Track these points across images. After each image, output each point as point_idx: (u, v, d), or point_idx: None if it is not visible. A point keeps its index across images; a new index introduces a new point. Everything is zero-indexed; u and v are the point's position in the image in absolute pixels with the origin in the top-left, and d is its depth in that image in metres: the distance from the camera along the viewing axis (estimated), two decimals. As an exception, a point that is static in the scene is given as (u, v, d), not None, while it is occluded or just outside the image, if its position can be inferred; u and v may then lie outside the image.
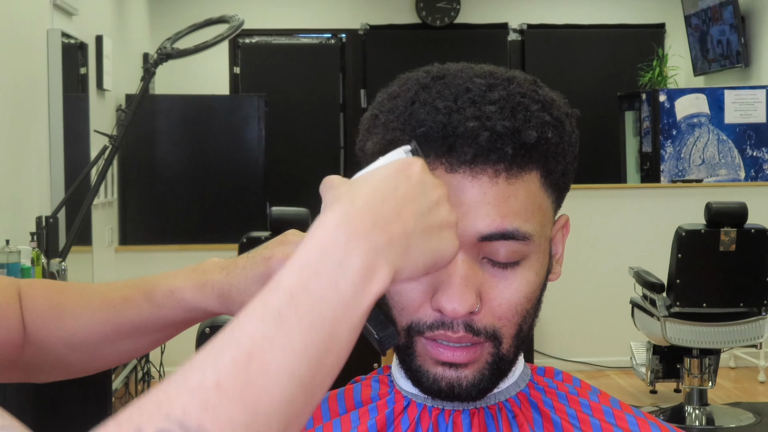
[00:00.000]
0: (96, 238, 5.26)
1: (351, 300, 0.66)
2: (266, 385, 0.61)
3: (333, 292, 0.65)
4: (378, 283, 0.67)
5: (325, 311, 0.65)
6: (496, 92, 0.87)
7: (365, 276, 0.67)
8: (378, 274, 0.67)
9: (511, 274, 0.89)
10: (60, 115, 4.53)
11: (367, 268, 0.67)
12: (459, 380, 0.89)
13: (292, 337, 0.63)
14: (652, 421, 0.97)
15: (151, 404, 0.60)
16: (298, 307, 0.64)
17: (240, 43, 8.07)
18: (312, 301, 0.65)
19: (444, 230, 0.73)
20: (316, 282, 0.65)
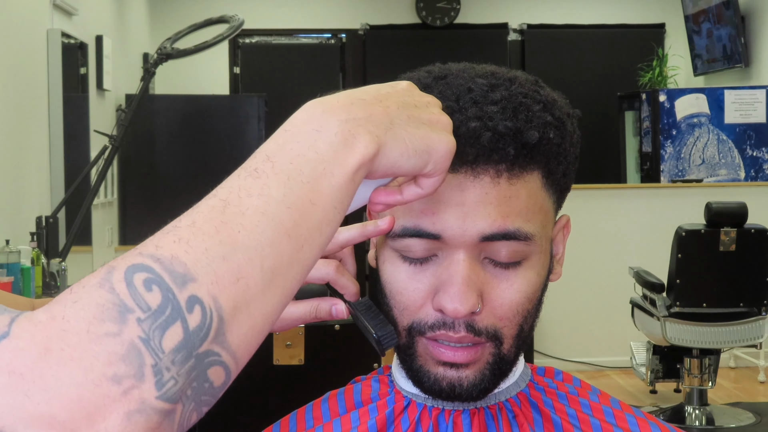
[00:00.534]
0: (96, 238, 5.26)
1: (331, 158, 0.65)
2: (243, 223, 0.60)
3: (311, 151, 0.65)
4: (360, 148, 0.66)
5: (303, 167, 0.64)
6: (498, 92, 0.88)
7: (344, 140, 0.66)
8: (359, 140, 0.66)
9: (513, 274, 0.89)
10: (60, 115, 4.53)
11: (346, 134, 0.66)
12: (460, 380, 0.89)
13: (269, 186, 0.63)
14: (652, 421, 0.97)
15: (127, 254, 0.59)
16: (274, 164, 0.64)
17: (240, 43, 8.07)
18: (289, 158, 0.64)
19: (435, 125, 0.72)
20: (293, 144, 0.65)
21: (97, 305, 0.55)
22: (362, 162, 0.66)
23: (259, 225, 0.61)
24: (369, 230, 0.89)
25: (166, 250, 0.58)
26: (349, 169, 0.66)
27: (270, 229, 0.61)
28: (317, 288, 1.02)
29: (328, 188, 0.65)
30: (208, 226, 0.59)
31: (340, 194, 0.65)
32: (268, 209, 0.61)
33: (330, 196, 0.65)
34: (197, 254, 0.58)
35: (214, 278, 0.58)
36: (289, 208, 0.62)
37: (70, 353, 0.53)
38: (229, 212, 0.60)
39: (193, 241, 0.58)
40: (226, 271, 0.58)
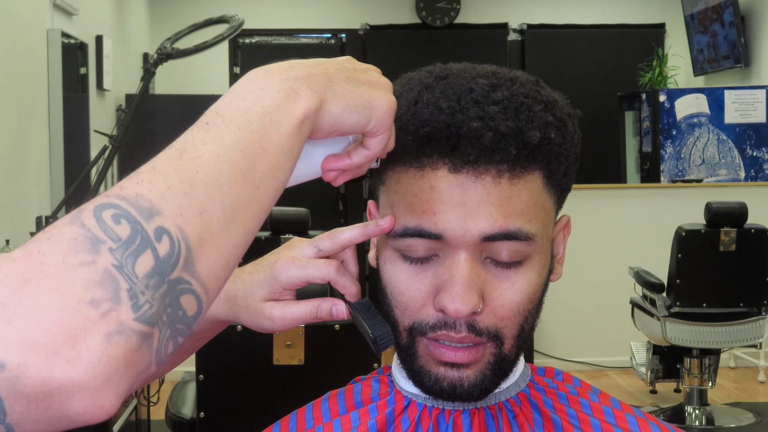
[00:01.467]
0: (96, 238, 5.26)
1: (276, 111, 0.69)
2: (199, 165, 0.64)
3: (257, 106, 0.69)
4: (303, 101, 0.71)
5: (252, 118, 0.68)
6: (499, 92, 0.88)
7: (287, 95, 0.70)
8: (301, 94, 0.71)
9: (514, 274, 0.89)
10: (60, 115, 4.53)
11: (288, 90, 0.71)
12: (461, 380, 0.89)
13: (222, 135, 0.66)
14: (652, 421, 0.97)
15: (94, 198, 0.64)
16: (224, 117, 0.68)
17: (240, 43, 8.07)
18: (238, 112, 0.68)
19: (375, 85, 0.77)
20: (240, 102, 0.69)
21: (70, 239, 0.58)
22: (306, 114, 0.71)
23: (216, 165, 0.64)
24: (370, 230, 0.91)
25: (130, 190, 0.62)
26: (294, 119, 0.70)
27: (226, 169, 0.65)
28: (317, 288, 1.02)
29: (276, 136, 0.69)
30: (168, 169, 0.63)
31: (288, 142, 0.69)
32: (223, 153, 0.65)
33: (279, 143, 0.69)
34: (160, 191, 0.62)
35: (178, 211, 0.61)
36: (242, 152, 0.66)
37: (48, 282, 0.55)
38: (186, 157, 0.64)
39: (155, 181, 0.62)
40: (189, 206, 0.62)
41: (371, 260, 0.97)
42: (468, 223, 0.86)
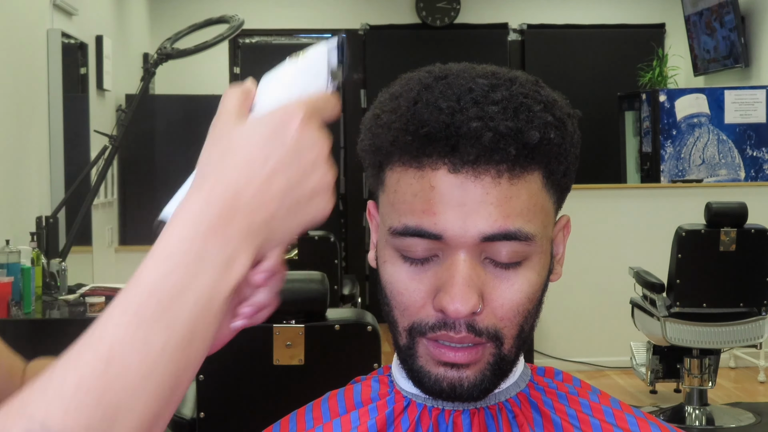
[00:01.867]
0: (96, 238, 5.26)
1: (210, 290, 0.66)
2: (125, 387, 0.62)
3: (191, 290, 0.65)
4: (237, 270, 0.67)
5: (184, 305, 0.65)
6: (498, 92, 0.88)
7: (225, 266, 0.67)
8: (238, 261, 0.67)
9: (513, 274, 0.89)
10: (60, 115, 4.53)
11: (227, 259, 0.67)
12: (461, 381, 0.89)
13: (150, 338, 0.63)
14: (652, 421, 0.97)
15: (17, 405, 0.61)
16: (157, 304, 0.64)
17: (240, 43, 8.07)
18: (170, 296, 0.65)
19: (315, 197, 0.71)
20: (175, 277, 0.65)
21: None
22: (238, 281, 0.68)
23: (140, 386, 0.63)
24: None
25: (55, 421, 0.60)
26: (227, 294, 0.67)
27: (151, 387, 0.63)
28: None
29: (203, 327, 0.66)
30: (91, 396, 0.61)
31: (214, 325, 0.67)
32: (150, 371, 0.63)
33: (206, 333, 0.66)
34: (82, 427, 0.60)
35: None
36: (169, 359, 0.64)
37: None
38: (111, 373, 0.62)
39: (79, 412, 0.61)
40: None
41: (371, 260, 0.97)
42: (467, 224, 0.86)
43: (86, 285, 4.05)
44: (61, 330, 3.40)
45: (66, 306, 3.66)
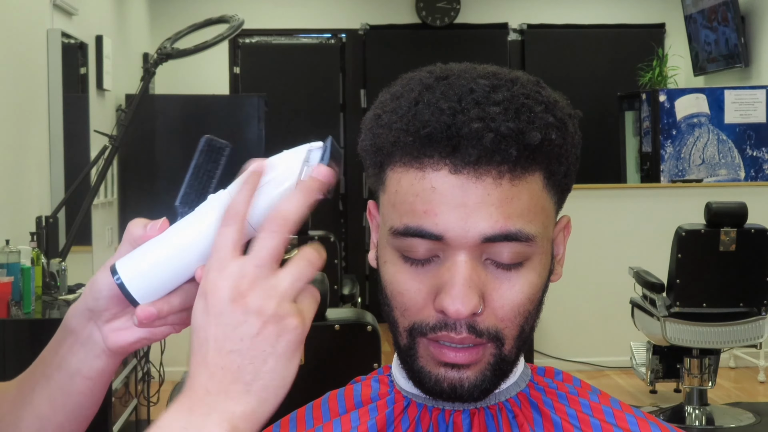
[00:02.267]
0: (96, 238, 5.26)
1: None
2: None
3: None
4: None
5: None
6: (500, 93, 0.87)
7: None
8: (223, 427, 0.73)
9: (514, 275, 0.89)
10: (60, 115, 4.53)
11: (212, 426, 0.72)
12: (461, 381, 0.89)
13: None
14: (652, 421, 0.97)
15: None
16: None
17: (240, 43, 8.07)
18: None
19: (271, 343, 0.74)
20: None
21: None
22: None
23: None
24: None
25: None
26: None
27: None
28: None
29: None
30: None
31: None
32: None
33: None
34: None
35: None
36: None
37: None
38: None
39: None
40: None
41: (371, 261, 0.97)
42: (468, 224, 0.86)
43: (86, 285, 4.05)
44: (61, 330, 3.40)
45: (66, 306, 3.66)
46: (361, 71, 8.09)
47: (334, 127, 8.14)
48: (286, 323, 0.74)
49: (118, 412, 3.67)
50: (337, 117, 8.16)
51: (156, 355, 4.44)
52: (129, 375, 3.85)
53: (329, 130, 8.11)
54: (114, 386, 3.51)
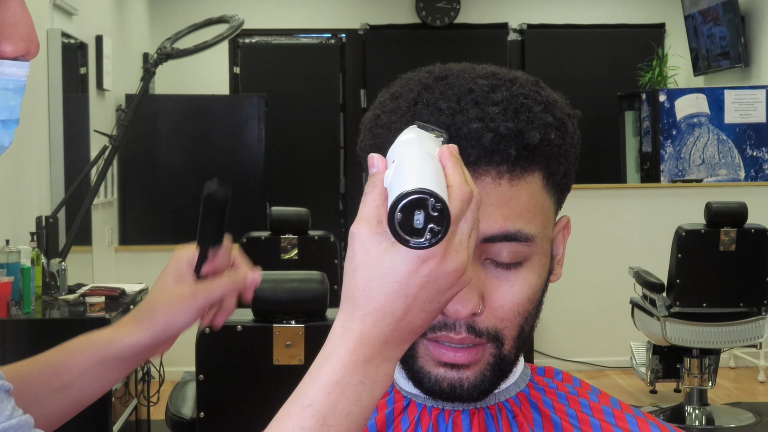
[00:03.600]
0: (96, 238, 5.26)
1: (369, 406, 0.77)
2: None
3: (357, 406, 0.76)
4: (390, 378, 0.77)
5: (351, 425, 0.76)
6: (499, 93, 0.87)
7: (381, 382, 0.77)
8: (389, 373, 0.77)
9: (514, 275, 0.89)
10: (60, 115, 4.53)
11: (383, 375, 0.76)
12: (461, 381, 0.89)
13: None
14: (652, 421, 0.97)
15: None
16: (330, 427, 0.75)
17: (240, 43, 8.07)
18: (340, 419, 0.75)
19: (449, 300, 0.78)
20: (343, 402, 0.75)
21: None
22: (389, 383, 0.77)
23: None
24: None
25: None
26: (380, 399, 0.78)
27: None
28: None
29: (363, 428, 0.77)
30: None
31: (368, 421, 0.78)
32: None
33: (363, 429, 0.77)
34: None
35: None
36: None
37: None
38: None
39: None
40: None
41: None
42: (468, 224, 0.85)
43: (86, 285, 4.05)
44: (61, 330, 3.40)
45: (66, 306, 3.66)
46: (361, 71, 8.09)
47: (334, 127, 8.14)
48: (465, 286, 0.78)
49: (118, 412, 3.67)
50: (337, 117, 8.16)
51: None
52: (129, 375, 3.86)
53: (329, 130, 8.11)
54: (114, 386, 3.51)
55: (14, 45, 0.76)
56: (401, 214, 0.71)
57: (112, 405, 3.46)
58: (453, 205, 0.73)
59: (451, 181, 0.74)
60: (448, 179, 0.74)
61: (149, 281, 4.55)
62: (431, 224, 0.70)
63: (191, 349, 2.47)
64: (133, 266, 5.70)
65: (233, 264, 1.16)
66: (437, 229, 0.71)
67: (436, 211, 0.70)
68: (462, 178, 0.74)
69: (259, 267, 1.16)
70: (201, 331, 2.43)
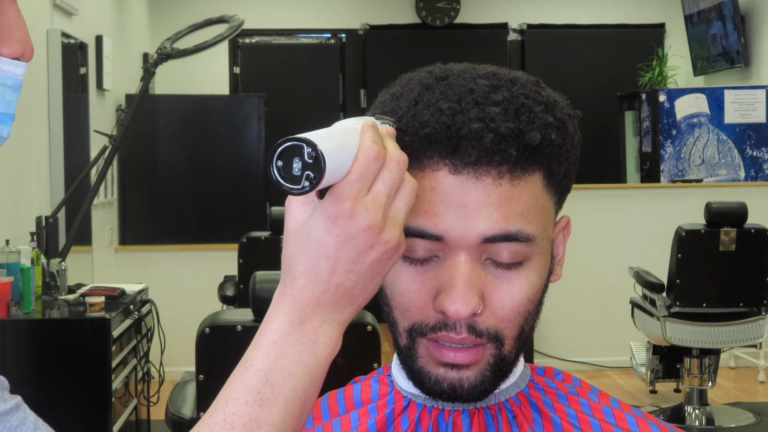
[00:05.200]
0: (96, 238, 5.26)
1: (314, 366, 0.79)
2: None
3: (299, 366, 0.79)
4: (334, 341, 0.80)
5: (296, 384, 0.79)
6: (499, 93, 0.87)
7: (323, 345, 0.79)
8: (333, 335, 0.80)
9: (514, 275, 0.89)
10: (60, 115, 4.53)
11: (324, 338, 0.80)
12: (461, 381, 0.89)
13: (272, 413, 0.78)
14: (652, 421, 0.97)
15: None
16: (273, 387, 0.78)
17: (240, 43, 8.07)
18: (283, 377, 0.78)
19: (383, 265, 0.80)
20: (284, 361, 0.79)
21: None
22: (333, 350, 0.81)
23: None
24: None
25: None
26: (328, 362, 0.80)
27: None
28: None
29: (312, 391, 0.80)
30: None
31: (318, 389, 0.81)
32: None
33: (314, 396, 0.80)
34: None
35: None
36: (288, 429, 0.79)
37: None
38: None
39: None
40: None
41: (372, 260, 0.97)
42: (468, 225, 0.86)
43: (86, 285, 4.05)
44: (61, 330, 3.40)
45: (66, 306, 3.66)
46: (361, 71, 8.09)
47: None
48: (400, 251, 0.81)
49: (118, 412, 3.67)
50: (337, 117, 8.12)
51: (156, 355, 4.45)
52: (129, 375, 3.85)
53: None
54: (114, 386, 3.51)
55: (10, 47, 0.82)
56: (282, 162, 0.75)
57: (112, 405, 3.46)
58: (357, 164, 0.77)
59: (361, 143, 0.78)
60: (360, 143, 0.78)
61: (149, 281, 4.56)
62: (307, 171, 0.75)
63: (191, 349, 2.47)
64: (133, 266, 5.70)
65: None
66: (312, 176, 0.75)
67: (311, 159, 0.74)
68: (372, 140, 0.78)
69: None
70: (201, 331, 2.43)
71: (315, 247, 0.78)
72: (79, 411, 3.38)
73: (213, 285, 5.22)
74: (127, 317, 3.77)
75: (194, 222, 6.29)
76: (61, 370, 3.36)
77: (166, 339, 4.19)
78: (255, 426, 0.77)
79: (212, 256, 5.74)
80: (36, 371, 3.37)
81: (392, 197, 0.79)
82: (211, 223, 6.26)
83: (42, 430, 0.77)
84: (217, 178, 6.30)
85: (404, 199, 0.80)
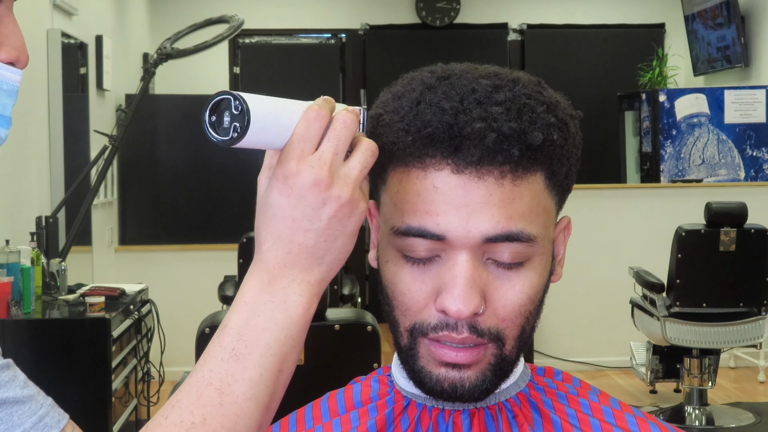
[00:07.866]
0: (96, 238, 5.26)
1: (287, 323, 0.82)
2: (238, 413, 0.79)
3: (271, 323, 0.81)
4: (306, 299, 0.82)
5: (269, 340, 0.81)
6: (501, 93, 0.87)
7: (294, 303, 0.82)
8: (304, 294, 0.82)
9: (515, 275, 0.89)
10: (60, 115, 4.53)
11: (294, 296, 0.82)
12: (462, 381, 0.89)
13: (247, 368, 0.80)
14: (652, 421, 0.97)
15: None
16: (247, 342, 0.81)
17: (240, 43, 8.07)
18: (256, 334, 0.81)
19: (343, 223, 0.82)
20: (255, 319, 0.82)
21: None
22: (306, 309, 0.83)
23: (249, 409, 0.80)
24: None
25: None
26: (302, 320, 0.83)
27: (257, 411, 0.81)
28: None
29: (291, 351, 0.82)
30: (216, 423, 0.79)
31: (299, 347, 0.83)
32: (253, 392, 0.80)
33: (293, 355, 0.83)
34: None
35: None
36: (266, 386, 0.81)
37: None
38: (226, 402, 0.79)
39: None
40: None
41: (371, 261, 0.97)
42: (470, 225, 0.86)
43: (86, 285, 4.05)
44: (61, 330, 3.40)
45: (66, 306, 3.66)
46: (361, 71, 8.09)
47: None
48: (358, 210, 0.83)
49: (118, 412, 3.67)
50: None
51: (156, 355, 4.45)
52: (129, 375, 3.86)
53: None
54: (114, 386, 3.51)
55: (6, 53, 0.88)
56: (215, 116, 0.83)
57: (112, 405, 3.46)
58: (298, 125, 0.82)
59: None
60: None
61: (149, 281, 4.56)
62: (235, 122, 0.81)
63: (191, 349, 2.47)
64: (133, 266, 5.70)
65: None
66: (238, 126, 0.80)
67: (238, 111, 0.81)
68: (316, 104, 0.83)
69: None
70: (201, 331, 2.43)
71: (273, 210, 0.82)
72: (79, 411, 3.38)
73: (213, 285, 5.22)
74: (127, 317, 3.77)
75: (194, 222, 6.28)
76: (61, 371, 3.36)
77: (166, 339, 4.19)
78: (232, 380, 0.79)
79: (212, 256, 5.74)
80: (36, 371, 3.36)
81: (340, 155, 0.82)
82: (211, 223, 6.26)
83: (31, 389, 0.78)
84: (217, 178, 6.30)
85: (358, 158, 0.83)
